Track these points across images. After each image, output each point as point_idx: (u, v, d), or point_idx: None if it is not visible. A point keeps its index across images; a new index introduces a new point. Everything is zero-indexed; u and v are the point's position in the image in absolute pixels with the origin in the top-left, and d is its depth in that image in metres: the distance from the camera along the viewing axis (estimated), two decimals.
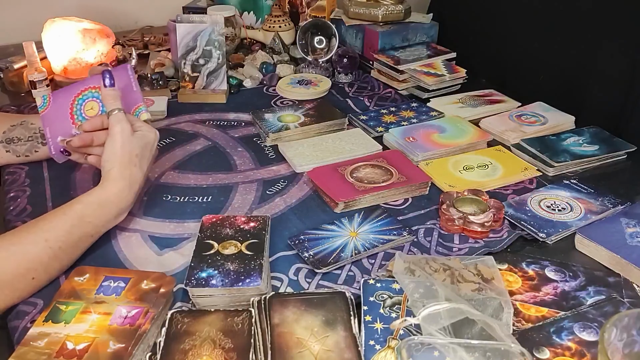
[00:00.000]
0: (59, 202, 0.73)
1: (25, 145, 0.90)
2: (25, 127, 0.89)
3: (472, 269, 0.67)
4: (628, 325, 0.51)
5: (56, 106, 0.82)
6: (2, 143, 0.89)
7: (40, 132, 0.89)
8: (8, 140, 0.89)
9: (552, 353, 0.57)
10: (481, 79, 1.29)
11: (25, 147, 0.90)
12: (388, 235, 0.76)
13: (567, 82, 1.15)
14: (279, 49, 1.37)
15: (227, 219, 0.75)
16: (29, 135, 0.89)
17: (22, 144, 0.89)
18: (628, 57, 1.03)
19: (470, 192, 0.82)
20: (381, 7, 1.34)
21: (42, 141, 0.90)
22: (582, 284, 0.68)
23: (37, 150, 0.90)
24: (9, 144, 0.89)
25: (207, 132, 1.06)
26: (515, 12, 1.28)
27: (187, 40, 1.15)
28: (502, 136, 1.03)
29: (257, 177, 0.92)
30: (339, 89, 1.25)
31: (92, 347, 0.56)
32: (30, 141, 0.90)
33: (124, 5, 1.59)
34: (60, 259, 0.68)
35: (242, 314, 0.60)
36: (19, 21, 1.45)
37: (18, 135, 0.89)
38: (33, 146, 0.90)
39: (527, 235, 0.78)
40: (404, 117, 1.10)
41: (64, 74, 1.23)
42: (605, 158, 0.96)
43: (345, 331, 0.58)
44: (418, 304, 0.61)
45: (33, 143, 0.90)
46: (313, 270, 0.70)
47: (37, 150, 0.90)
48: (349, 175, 0.88)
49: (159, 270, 0.69)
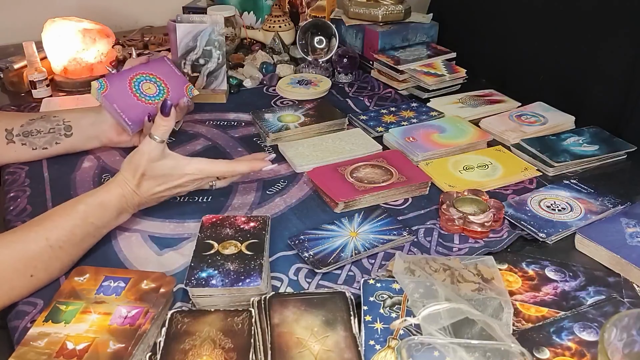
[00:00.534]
0: (59, 202, 0.72)
1: (45, 138, 0.90)
2: (46, 119, 0.90)
3: (472, 269, 0.67)
4: (628, 325, 0.51)
5: (115, 86, 0.88)
6: (18, 136, 0.89)
7: (64, 124, 0.90)
8: (26, 133, 0.89)
9: (552, 353, 0.57)
10: (481, 79, 1.29)
11: (45, 140, 0.90)
12: (388, 235, 0.76)
13: (567, 82, 1.15)
14: (279, 49, 1.37)
15: (227, 219, 0.75)
16: (51, 127, 0.90)
17: (42, 136, 0.89)
18: (628, 57, 1.03)
19: (470, 192, 0.82)
20: (381, 7, 1.34)
21: (65, 133, 0.90)
22: (582, 284, 0.68)
23: (58, 142, 0.91)
24: (27, 136, 0.89)
25: (207, 132, 1.06)
26: (515, 12, 1.28)
27: (187, 40, 1.15)
28: (502, 136, 1.03)
29: (257, 177, 0.92)
30: (339, 89, 1.25)
31: (92, 347, 0.56)
32: (51, 133, 0.90)
33: (124, 5, 1.59)
34: (61, 258, 0.68)
35: (242, 314, 0.60)
36: (19, 21, 1.45)
37: (38, 127, 0.89)
38: (54, 138, 0.90)
39: (527, 235, 0.78)
40: (404, 117, 1.10)
41: (64, 74, 1.23)
42: (605, 158, 0.96)
43: (345, 331, 0.58)
44: (418, 304, 0.61)
45: (54, 135, 0.90)
46: (313, 270, 0.70)
47: (59, 142, 0.91)
48: (349, 175, 0.88)
49: (159, 270, 0.69)
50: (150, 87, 0.90)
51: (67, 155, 0.94)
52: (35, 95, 1.16)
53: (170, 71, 0.94)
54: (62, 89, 1.22)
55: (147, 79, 0.91)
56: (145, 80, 0.90)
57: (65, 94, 1.20)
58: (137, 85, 0.89)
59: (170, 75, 0.93)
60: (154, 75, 0.92)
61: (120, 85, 0.89)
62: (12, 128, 0.89)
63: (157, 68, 0.93)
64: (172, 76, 0.94)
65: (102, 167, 0.93)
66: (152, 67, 0.93)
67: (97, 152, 0.96)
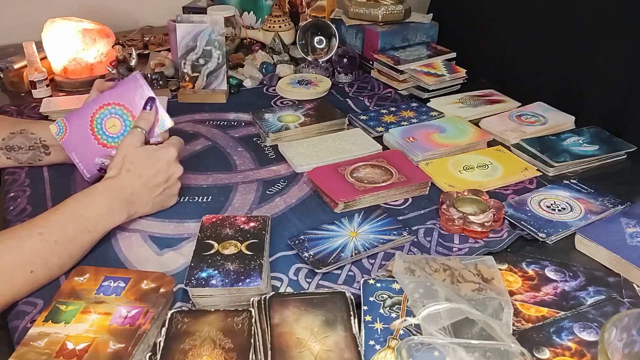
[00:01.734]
0: (59, 202, 0.73)
1: (27, 154, 0.90)
2: (25, 136, 0.89)
3: (472, 269, 0.67)
4: (628, 325, 0.51)
5: (74, 129, 0.83)
6: (1, 150, 0.89)
7: (41, 143, 0.89)
8: (8, 148, 0.89)
9: (552, 353, 0.57)
10: (481, 79, 1.29)
11: (28, 156, 0.90)
12: (388, 235, 0.76)
13: (567, 82, 1.15)
14: (279, 49, 1.37)
15: (227, 219, 0.75)
16: (30, 145, 0.89)
17: (24, 152, 0.89)
18: (628, 57, 1.03)
19: (470, 192, 0.82)
20: (381, 7, 1.34)
21: (44, 151, 0.90)
22: (582, 284, 0.68)
23: (40, 159, 0.91)
24: (10, 151, 0.89)
25: (207, 132, 1.06)
26: (515, 12, 1.28)
27: (187, 40, 1.15)
28: (502, 136, 1.03)
29: (257, 177, 0.92)
30: (339, 89, 1.25)
31: (92, 347, 0.56)
32: (32, 150, 0.90)
33: (124, 5, 1.59)
34: (59, 253, 0.68)
35: (242, 314, 0.60)
36: (19, 21, 1.45)
37: (18, 143, 0.89)
38: (36, 155, 0.90)
39: (527, 235, 0.78)
40: (404, 117, 1.10)
41: (64, 74, 1.23)
42: (605, 158, 0.96)
43: (345, 331, 0.58)
44: (418, 304, 0.61)
45: (35, 152, 0.90)
46: (313, 270, 0.70)
47: (41, 159, 0.91)
48: (349, 175, 0.88)
49: (159, 270, 0.69)
50: (115, 123, 0.82)
51: None
52: (35, 95, 1.16)
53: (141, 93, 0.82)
54: (62, 89, 1.22)
55: (111, 112, 0.82)
56: (110, 115, 0.82)
57: (65, 94, 1.20)
58: (99, 124, 0.82)
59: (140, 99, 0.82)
60: (120, 105, 0.82)
61: (80, 127, 0.82)
62: None
63: (126, 93, 0.82)
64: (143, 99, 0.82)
65: None
66: (121, 92, 0.83)
67: None
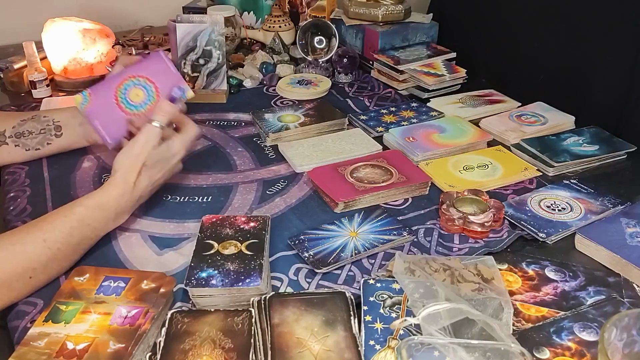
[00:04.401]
0: (59, 202, 0.73)
1: (37, 138, 0.90)
2: (37, 120, 0.90)
3: (472, 269, 0.67)
4: (628, 325, 0.51)
5: (99, 99, 0.84)
6: (11, 138, 0.89)
7: (54, 124, 0.90)
8: (18, 135, 0.89)
9: (552, 353, 0.57)
10: (481, 79, 1.29)
11: (37, 140, 0.90)
12: (388, 235, 0.76)
13: (567, 82, 1.15)
14: (279, 49, 1.37)
15: (227, 219, 0.75)
16: (42, 127, 0.90)
17: (34, 137, 0.89)
18: (628, 57, 1.03)
19: (470, 192, 0.82)
20: (381, 7, 1.34)
21: (55, 133, 0.90)
22: (582, 284, 0.68)
23: (49, 143, 0.91)
24: (19, 137, 0.89)
25: (207, 132, 1.06)
26: (515, 12, 1.28)
27: (187, 40, 1.15)
28: (502, 136, 1.03)
29: (257, 177, 0.92)
30: (339, 89, 1.25)
31: (92, 347, 0.56)
32: (42, 134, 0.90)
33: (124, 5, 1.59)
34: (59, 260, 0.68)
35: (242, 314, 0.60)
36: (19, 21, 1.45)
37: (29, 128, 0.89)
38: (45, 139, 0.90)
39: (527, 235, 0.78)
40: (404, 117, 1.10)
41: (64, 74, 1.23)
42: (605, 158, 0.96)
43: (345, 331, 0.58)
44: (418, 304, 0.61)
45: (45, 135, 0.90)
46: (313, 270, 0.70)
47: (50, 142, 0.91)
48: (349, 175, 0.88)
49: (159, 270, 0.69)
50: (139, 93, 0.84)
51: (67, 155, 0.94)
52: (35, 95, 1.16)
53: (165, 69, 0.86)
54: (62, 89, 1.22)
55: (135, 83, 0.84)
56: (134, 86, 0.84)
57: (65, 94, 1.20)
58: (123, 94, 0.84)
59: (163, 75, 0.85)
60: (144, 77, 0.85)
61: (105, 97, 0.84)
62: (4, 130, 0.89)
63: (150, 67, 0.86)
64: (166, 75, 0.86)
65: (102, 167, 0.93)
66: (145, 66, 0.86)
67: (97, 152, 0.97)
